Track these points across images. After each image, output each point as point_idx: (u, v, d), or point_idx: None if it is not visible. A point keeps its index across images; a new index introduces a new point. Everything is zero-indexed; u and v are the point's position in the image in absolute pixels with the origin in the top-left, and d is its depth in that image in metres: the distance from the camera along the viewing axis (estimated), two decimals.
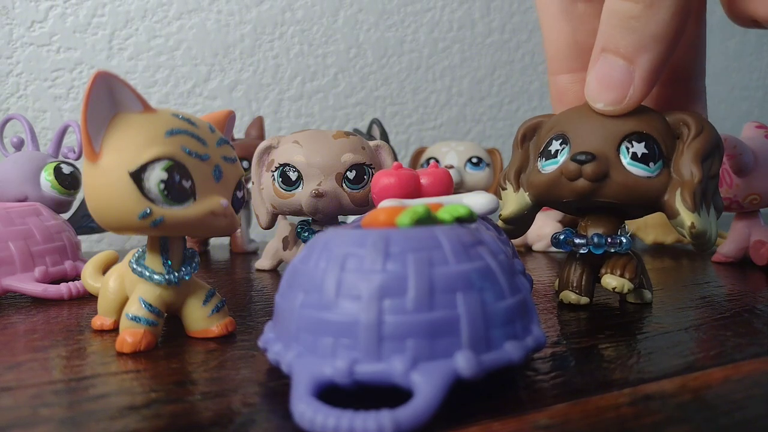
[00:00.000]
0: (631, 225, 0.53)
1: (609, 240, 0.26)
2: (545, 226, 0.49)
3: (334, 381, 0.14)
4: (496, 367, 0.15)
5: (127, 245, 0.62)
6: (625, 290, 0.25)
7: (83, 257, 0.36)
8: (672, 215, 0.24)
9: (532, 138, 0.28)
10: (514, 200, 0.28)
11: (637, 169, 0.24)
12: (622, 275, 0.25)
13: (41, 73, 0.60)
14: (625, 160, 0.24)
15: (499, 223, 0.28)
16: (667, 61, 0.23)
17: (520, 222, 0.28)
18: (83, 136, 0.18)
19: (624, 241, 0.26)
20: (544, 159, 0.26)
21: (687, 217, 0.23)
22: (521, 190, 0.27)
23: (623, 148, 0.24)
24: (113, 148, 0.19)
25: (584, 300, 0.27)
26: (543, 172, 0.26)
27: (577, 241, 0.26)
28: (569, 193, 0.25)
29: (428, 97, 0.78)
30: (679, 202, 0.23)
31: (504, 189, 0.28)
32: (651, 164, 0.24)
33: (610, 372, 0.18)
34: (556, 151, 0.25)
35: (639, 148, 0.23)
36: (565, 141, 0.25)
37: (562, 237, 0.27)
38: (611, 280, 0.25)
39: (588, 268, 0.27)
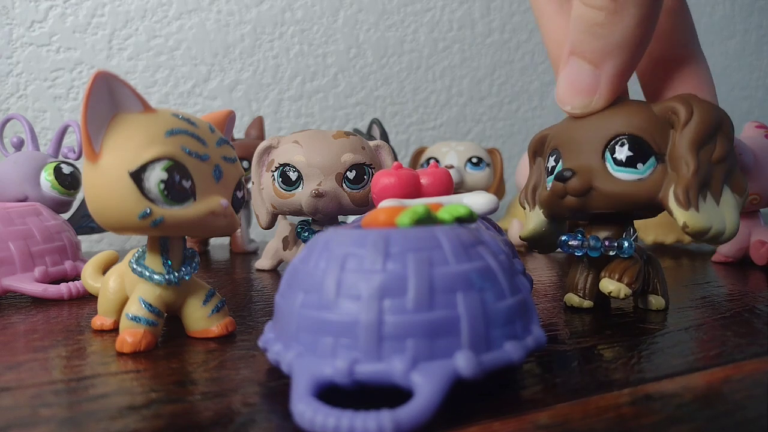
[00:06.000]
0: None
1: (607, 243, 0.25)
2: None
3: (334, 381, 0.14)
4: (496, 367, 0.15)
5: (127, 245, 0.62)
6: (622, 295, 0.24)
7: (83, 257, 0.36)
8: (670, 213, 0.23)
9: (541, 153, 0.28)
10: (531, 218, 0.28)
11: (624, 174, 0.23)
12: (620, 279, 0.25)
13: (41, 73, 0.60)
14: (611, 166, 0.23)
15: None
16: (633, 66, 0.23)
17: (542, 240, 0.28)
18: (83, 136, 0.18)
19: (626, 245, 0.25)
20: (547, 175, 0.26)
21: (679, 216, 0.22)
22: (536, 207, 0.28)
23: (607, 154, 0.23)
24: (113, 148, 0.19)
25: (587, 303, 0.27)
26: (548, 188, 0.26)
27: (572, 242, 0.26)
28: (564, 209, 0.25)
29: (428, 97, 0.78)
30: (672, 200, 0.22)
31: (524, 209, 0.29)
32: (639, 165, 0.23)
33: (611, 372, 0.18)
34: (553, 167, 0.26)
35: (622, 152, 0.23)
36: (558, 156, 0.25)
37: (564, 239, 0.27)
38: (608, 284, 0.25)
39: (594, 271, 0.27)
